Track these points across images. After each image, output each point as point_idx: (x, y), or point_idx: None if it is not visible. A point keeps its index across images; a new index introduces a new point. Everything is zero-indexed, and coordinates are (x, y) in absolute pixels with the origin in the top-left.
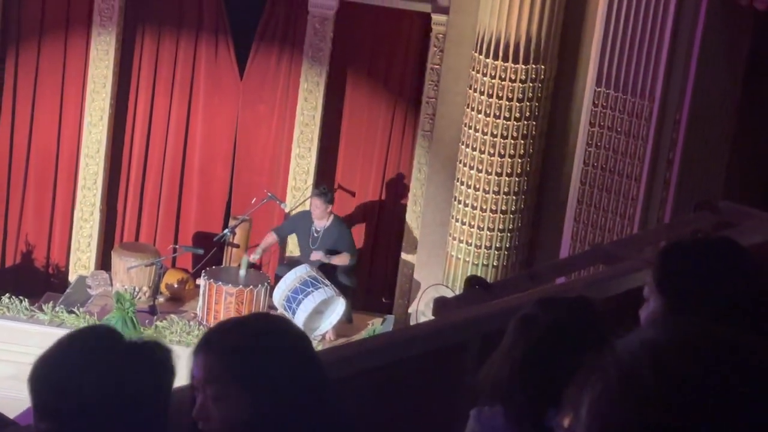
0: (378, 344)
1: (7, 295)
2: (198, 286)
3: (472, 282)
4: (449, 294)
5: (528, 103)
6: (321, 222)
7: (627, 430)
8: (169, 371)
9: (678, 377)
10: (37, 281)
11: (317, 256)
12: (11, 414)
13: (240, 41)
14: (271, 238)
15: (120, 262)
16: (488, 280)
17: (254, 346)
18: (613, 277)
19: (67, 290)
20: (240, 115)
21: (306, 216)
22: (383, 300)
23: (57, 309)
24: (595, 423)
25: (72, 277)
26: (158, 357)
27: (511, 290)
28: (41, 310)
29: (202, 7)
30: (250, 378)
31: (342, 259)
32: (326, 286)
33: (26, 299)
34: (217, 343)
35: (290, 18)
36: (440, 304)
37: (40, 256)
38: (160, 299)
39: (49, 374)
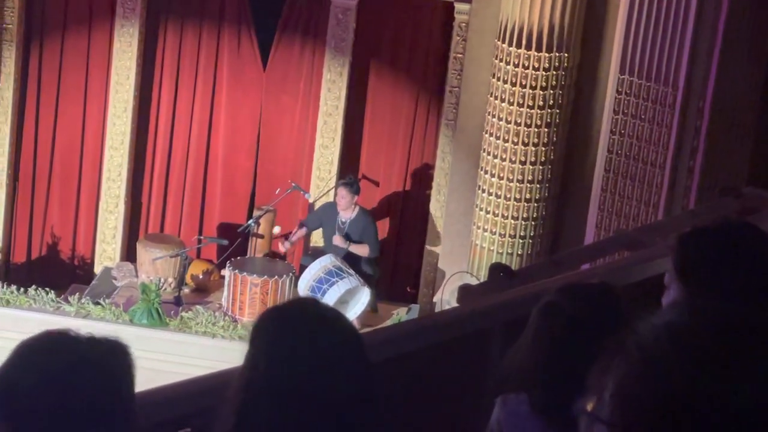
0: (403, 331)
1: (34, 287)
2: (223, 277)
3: (497, 269)
4: (474, 282)
5: (551, 91)
6: (347, 213)
7: (651, 411)
8: (127, 371)
9: (700, 358)
10: (62, 273)
11: (338, 240)
12: None
13: (262, 32)
14: (302, 231)
15: (145, 253)
16: (513, 268)
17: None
18: (637, 264)
19: (93, 282)
20: (263, 105)
21: (331, 207)
22: (408, 289)
23: (83, 301)
24: (620, 405)
25: (97, 269)
26: (115, 358)
27: (536, 277)
28: (67, 302)
29: None
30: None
31: (361, 250)
32: (351, 275)
33: (52, 291)
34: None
35: (313, 8)
36: (465, 291)
37: (66, 248)
38: (185, 290)
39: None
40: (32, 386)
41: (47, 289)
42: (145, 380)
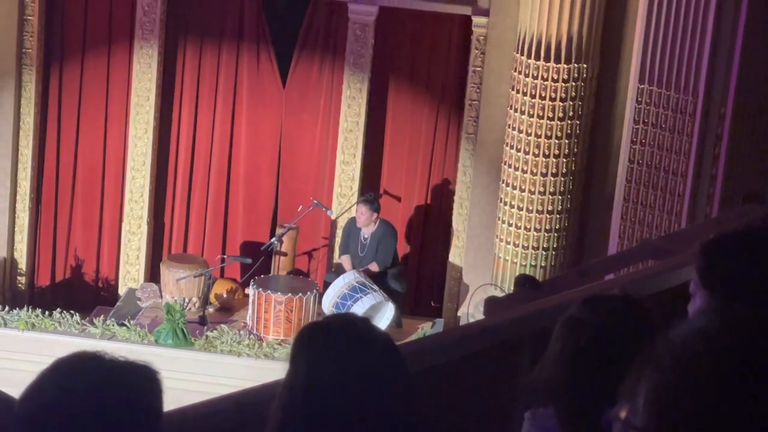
0: (430, 344)
1: (58, 310)
2: (247, 296)
3: (522, 281)
4: (498, 294)
5: (571, 103)
6: (368, 229)
7: (685, 417)
8: (156, 395)
9: (732, 362)
10: (87, 295)
11: (346, 263)
12: None
13: (281, 50)
14: (347, 260)
15: (169, 273)
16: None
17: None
18: (662, 273)
19: (118, 303)
20: (284, 123)
21: (354, 223)
22: (432, 304)
23: (108, 322)
24: (654, 412)
25: (122, 290)
26: (144, 381)
27: (561, 288)
28: (92, 323)
29: (243, 17)
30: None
31: (371, 267)
32: (375, 291)
33: (77, 313)
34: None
35: (331, 26)
36: (491, 303)
37: (90, 270)
38: (210, 309)
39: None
40: (62, 405)
41: (72, 311)
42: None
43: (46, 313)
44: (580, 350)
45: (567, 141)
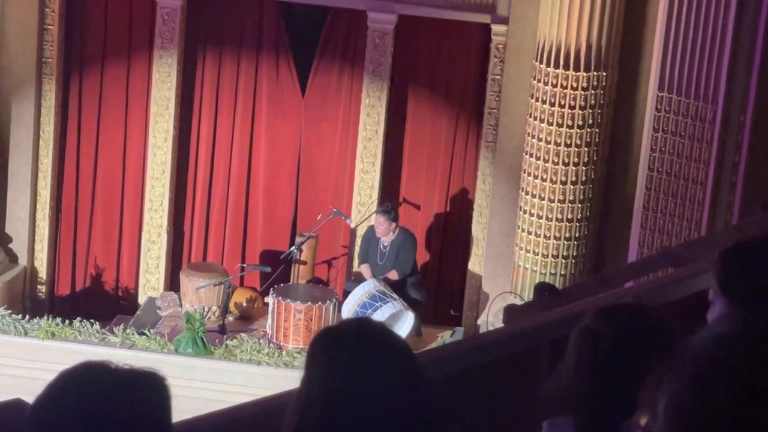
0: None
1: (78, 318)
2: (267, 304)
3: (541, 289)
4: (518, 302)
5: (591, 111)
6: (387, 237)
7: (705, 423)
8: (163, 402)
9: (753, 367)
10: (107, 304)
11: (365, 271)
12: None
13: (301, 59)
14: (367, 269)
15: (188, 282)
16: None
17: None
18: (682, 280)
19: (137, 312)
20: (303, 132)
21: (373, 232)
22: (452, 312)
23: (128, 331)
24: (673, 418)
25: (141, 299)
26: (151, 388)
27: (580, 296)
28: (112, 333)
29: (262, 26)
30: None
31: (391, 275)
32: (394, 300)
33: (97, 322)
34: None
35: (350, 34)
36: (510, 311)
37: (110, 279)
38: (230, 318)
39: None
40: (68, 415)
41: (92, 320)
42: (191, 409)
43: (66, 322)
44: (595, 360)
45: (586, 149)
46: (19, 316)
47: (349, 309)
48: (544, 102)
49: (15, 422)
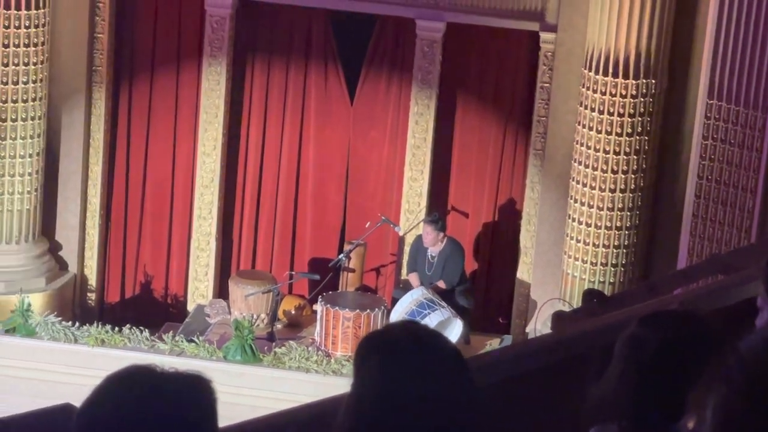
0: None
1: (128, 326)
2: (315, 312)
3: (590, 295)
4: (566, 309)
5: (640, 119)
6: (435, 247)
7: (755, 427)
8: (208, 405)
9: None
10: (156, 311)
11: (414, 280)
12: None
13: (349, 67)
14: (415, 278)
15: (237, 290)
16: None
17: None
18: (731, 287)
19: (186, 319)
20: (351, 140)
21: (421, 241)
22: (500, 320)
23: (177, 338)
24: (722, 423)
25: (190, 307)
26: (196, 391)
27: (629, 302)
28: (161, 340)
29: (311, 34)
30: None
31: (439, 285)
32: (443, 307)
33: (146, 330)
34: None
35: (398, 42)
36: (558, 317)
37: (159, 286)
38: (278, 326)
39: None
40: (115, 417)
41: (141, 327)
42: (240, 417)
43: (116, 329)
44: (641, 366)
45: (635, 157)
46: (69, 323)
47: (397, 317)
48: (593, 110)
49: (63, 426)
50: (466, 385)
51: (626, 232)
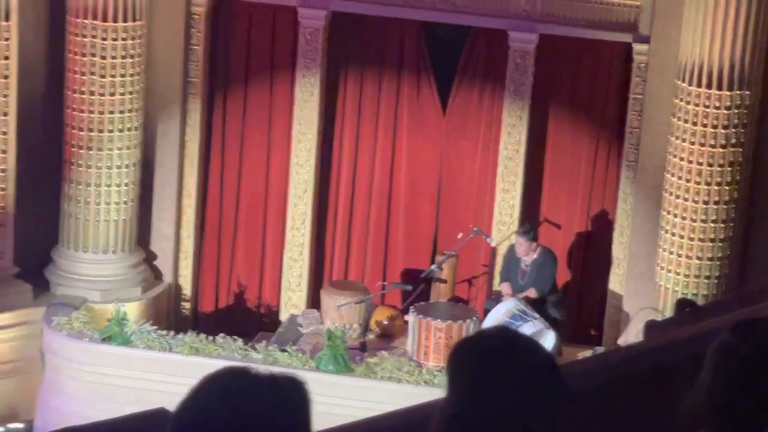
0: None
1: (221, 335)
2: (407, 322)
3: (683, 305)
4: (658, 318)
5: (734, 130)
6: (528, 257)
7: None
8: (303, 405)
9: None
10: (249, 321)
11: (506, 290)
12: None
13: (441, 78)
14: (507, 288)
15: (330, 300)
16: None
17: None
18: None
19: (279, 329)
20: (444, 151)
21: (514, 251)
22: (592, 332)
23: (269, 348)
24: None
25: (283, 316)
26: (291, 392)
27: (721, 312)
28: (254, 349)
29: (404, 45)
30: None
31: (529, 293)
32: (535, 318)
33: (239, 339)
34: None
35: (491, 53)
36: (650, 326)
37: (252, 296)
38: (370, 336)
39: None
40: (210, 418)
41: (234, 336)
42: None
43: (209, 338)
44: (732, 375)
45: (729, 169)
46: (164, 332)
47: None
48: (686, 121)
49: (158, 429)
50: (560, 393)
51: (720, 244)
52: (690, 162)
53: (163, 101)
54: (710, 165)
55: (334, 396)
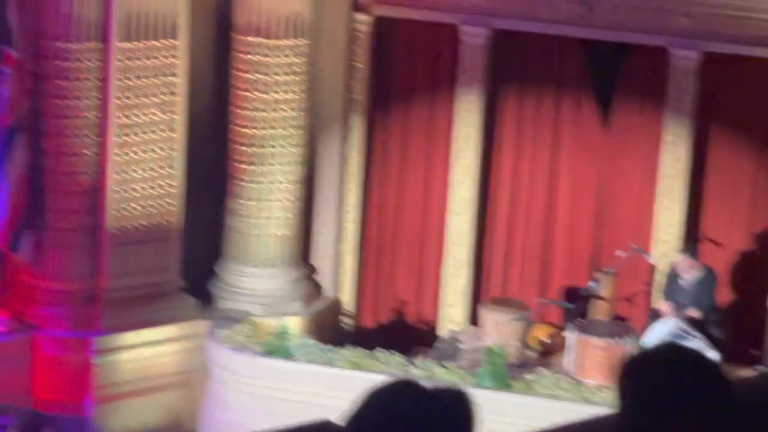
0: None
1: (381, 350)
2: (566, 339)
3: None
4: None
5: None
6: (689, 275)
7: None
8: (468, 416)
9: None
10: (408, 336)
11: (665, 308)
12: None
13: (601, 96)
14: (668, 306)
15: (489, 316)
16: None
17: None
18: None
19: (437, 344)
20: (603, 168)
21: (676, 270)
22: (751, 352)
23: (429, 363)
24: None
25: (442, 332)
26: (458, 403)
27: None
28: (413, 364)
29: (564, 63)
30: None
31: (690, 312)
32: (696, 338)
33: (399, 354)
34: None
35: (651, 71)
36: None
37: (411, 311)
38: (529, 353)
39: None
40: (382, 426)
41: (393, 351)
42: None
43: (369, 352)
44: None
45: None
46: (325, 346)
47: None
48: None
49: None
50: (730, 406)
51: None
52: None
53: (326, 118)
54: None
55: (494, 413)
